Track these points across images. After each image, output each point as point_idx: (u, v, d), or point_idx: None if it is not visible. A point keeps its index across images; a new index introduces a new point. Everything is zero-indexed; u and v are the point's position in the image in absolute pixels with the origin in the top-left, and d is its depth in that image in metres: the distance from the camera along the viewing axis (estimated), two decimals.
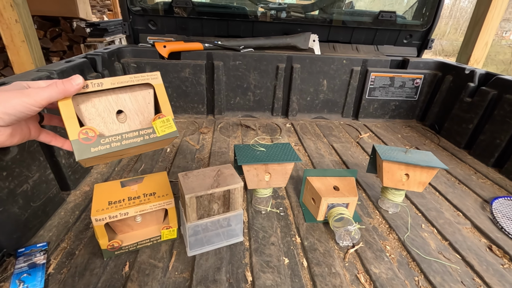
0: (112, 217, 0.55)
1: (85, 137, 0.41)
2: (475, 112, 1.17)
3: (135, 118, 0.47)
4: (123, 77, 0.44)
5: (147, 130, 0.46)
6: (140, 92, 0.47)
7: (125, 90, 0.46)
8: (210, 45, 1.33)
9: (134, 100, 0.46)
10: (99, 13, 5.34)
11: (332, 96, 1.45)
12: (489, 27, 1.54)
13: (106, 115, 0.44)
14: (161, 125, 0.47)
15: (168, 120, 0.47)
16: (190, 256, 0.61)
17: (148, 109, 0.48)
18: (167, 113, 0.48)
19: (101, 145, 0.42)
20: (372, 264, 0.62)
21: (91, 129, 0.42)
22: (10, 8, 1.31)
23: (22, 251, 0.59)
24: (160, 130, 0.46)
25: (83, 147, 0.41)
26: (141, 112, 0.47)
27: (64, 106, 0.40)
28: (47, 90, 0.38)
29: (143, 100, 0.47)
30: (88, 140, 0.41)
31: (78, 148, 0.40)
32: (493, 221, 0.77)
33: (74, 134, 0.40)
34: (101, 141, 0.42)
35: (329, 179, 0.75)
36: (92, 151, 0.41)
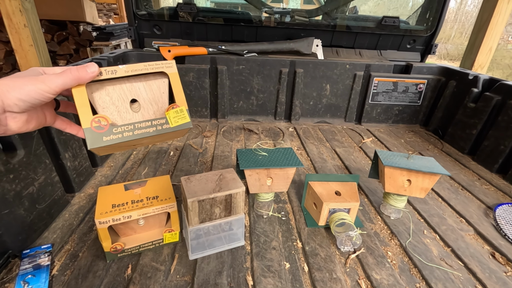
0: (115, 220, 0.56)
1: (97, 125, 0.40)
2: (479, 117, 1.17)
3: (149, 108, 0.46)
4: (137, 64, 0.43)
5: (160, 121, 0.45)
6: (154, 81, 0.46)
7: (140, 79, 0.45)
8: (214, 49, 1.34)
9: (149, 89, 0.45)
10: (106, 17, 5.42)
11: (335, 100, 1.45)
12: (493, 32, 1.54)
13: (120, 103, 0.43)
14: (174, 116, 0.45)
15: (181, 110, 0.46)
16: (192, 259, 0.62)
17: (162, 98, 0.47)
18: (181, 103, 0.46)
19: (113, 134, 0.41)
20: (373, 270, 0.62)
21: (104, 117, 0.41)
22: (19, 13, 1.34)
23: (27, 253, 0.60)
24: (174, 121, 0.45)
25: (95, 136, 0.40)
26: (155, 102, 0.46)
27: (78, 94, 0.39)
28: (61, 77, 0.38)
29: (158, 89, 0.46)
30: (101, 129, 0.41)
31: (90, 137, 0.40)
32: (496, 228, 0.76)
33: (87, 122, 0.40)
34: (113, 130, 0.42)
35: (331, 184, 0.76)
36: (104, 140, 0.41)
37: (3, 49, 2.89)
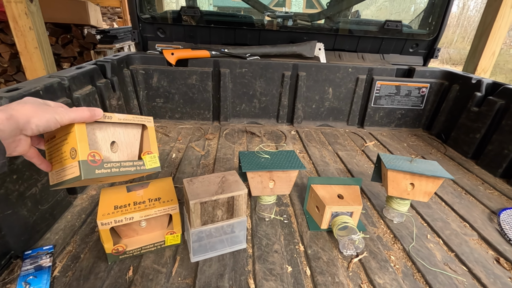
0: (117, 221, 0.56)
1: (92, 159, 0.45)
2: (482, 121, 1.16)
3: (124, 150, 0.53)
4: (128, 116, 0.52)
5: (139, 162, 0.52)
6: (132, 129, 0.54)
7: (120, 126, 0.52)
8: (217, 52, 1.35)
9: (126, 135, 0.53)
10: (110, 20, 5.47)
11: (337, 104, 1.45)
12: (496, 36, 1.53)
13: (102, 143, 0.49)
14: (149, 160, 0.54)
15: (154, 157, 0.55)
16: (194, 262, 0.62)
17: (135, 144, 0.55)
18: (154, 151, 0.55)
19: (104, 168, 0.46)
20: (376, 274, 0.61)
21: (98, 153, 0.46)
22: (25, 16, 1.35)
23: (28, 254, 0.60)
24: (148, 164, 0.54)
25: (89, 168, 0.44)
26: (130, 146, 0.54)
27: (80, 130, 0.44)
28: (73, 113, 0.42)
29: (133, 136, 0.55)
30: (95, 163, 0.45)
31: (85, 168, 0.44)
32: (500, 233, 0.76)
33: (84, 155, 0.44)
34: (105, 165, 0.46)
35: (333, 187, 0.75)
36: (96, 173, 0.45)
37: (8, 51, 2.91)
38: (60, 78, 0.80)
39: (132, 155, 0.54)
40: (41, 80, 0.75)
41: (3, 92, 0.63)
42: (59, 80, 0.78)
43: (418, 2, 5.94)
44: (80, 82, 0.90)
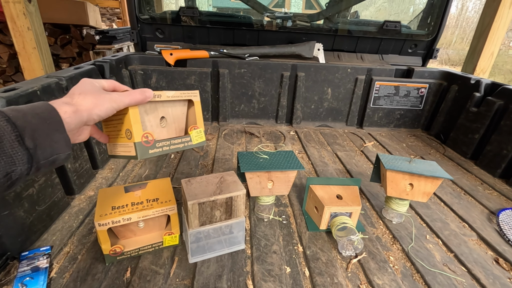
0: (115, 222, 0.56)
1: (146, 140, 0.48)
2: (481, 122, 1.16)
3: (172, 125, 0.55)
4: (175, 92, 0.53)
5: (186, 138, 0.54)
6: (179, 105, 0.56)
7: (169, 102, 0.54)
8: (216, 53, 1.35)
9: (174, 111, 0.55)
10: (109, 21, 5.47)
11: (336, 104, 1.45)
12: (494, 37, 1.54)
13: (153, 119, 0.52)
14: (195, 135, 0.55)
15: (201, 131, 0.57)
16: (192, 263, 0.61)
17: (182, 119, 0.57)
18: (200, 126, 0.57)
19: (156, 148, 0.49)
20: (375, 275, 0.61)
21: (150, 134, 0.48)
22: (23, 16, 1.35)
23: (25, 255, 0.60)
24: (195, 139, 0.55)
25: (144, 149, 0.47)
26: (177, 121, 0.56)
27: (133, 112, 0.46)
28: (128, 98, 0.45)
29: (180, 111, 0.56)
30: (148, 143, 0.48)
31: (140, 150, 0.47)
32: (500, 233, 0.75)
33: (138, 137, 0.47)
34: (157, 145, 0.49)
35: (332, 188, 0.75)
36: (150, 152, 0.48)
37: (7, 52, 2.91)
38: (58, 78, 0.79)
39: (179, 130, 0.56)
40: (39, 81, 0.75)
41: (0, 92, 0.63)
42: (56, 81, 0.78)
43: (417, 3, 5.96)
44: (77, 81, 0.89)
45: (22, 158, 0.32)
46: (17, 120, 0.33)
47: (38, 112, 0.35)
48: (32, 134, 0.33)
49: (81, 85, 0.43)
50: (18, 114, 0.33)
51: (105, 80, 0.47)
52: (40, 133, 0.34)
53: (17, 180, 0.33)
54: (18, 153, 0.32)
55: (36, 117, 0.34)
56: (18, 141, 0.32)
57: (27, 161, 0.33)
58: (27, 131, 0.33)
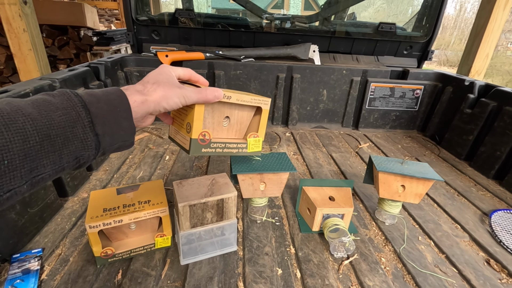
0: (106, 224, 0.56)
1: (202, 138, 0.48)
2: (475, 123, 1.17)
3: (234, 127, 0.55)
4: (245, 97, 0.52)
5: (242, 144, 0.54)
6: (247, 109, 0.55)
7: (236, 106, 0.53)
8: (212, 54, 1.35)
9: (240, 114, 0.55)
10: (107, 22, 5.47)
11: (332, 106, 1.45)
12: (489, 38, 1.55)
13: (216, 118, 0.52)
14: (253, 143, 0.55)
15: (259, 141, 0.56)
16: (183, 264, 0.61)
17: (245, 124, 0.56)
18: (261, 135, 0.56)
19: (210, 148, 0.50)
20: (366, 277, 0.61)
21: (208, 132, 0.49)
22: (19, 18, 1.35)
23: (16, 257, 0.60)
24: (251, 147, 0.55)
25: (198, 146, 0.48)
26: (240, 124, 0.55)
27: (199, 109, 0.46)
28: (196, 96, 0.45)
29: (246, 116, 0.56)
30: (203, 142, 0.48)
31: (194, 146, 0.47)
32: (492, 234, 0.76)
33: (196, 134, 0.47)
34: (211, 145, 0.50)
35: (325, 189, 0.75)
36: (202, 151, 0.49)
37: (4, 53, 2.91)
38: (51, 80, 0.79)
39: (240, 132, 0.56)
40: (32, 83, 0.75)
41: None
42: (50, 82, 0.78)
43: (416, 4, 6.00)
44: (72, 84, 0.89)
45: (91, 144, 0.34)
46: (92, 106, 0.34)
47: (110, 99, 0.36)
48: (102, 121, 0.34)
49: (157, 73, 0.44)
50: (93, 99, 0.35)
51: (182, 68, 0.48)
52: (110, 119, 0.35)
53: (84, 164, 0.35)
54: (89, 139, 0.33)
55: (109, 104, 0.36)
56: (90, 127, 0.33)
57: (95, 146, 0.34)
58: (99, 118, 0.34)
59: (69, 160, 0.32)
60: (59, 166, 0.31)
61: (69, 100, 0.33)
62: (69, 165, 0.33)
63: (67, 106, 0.32)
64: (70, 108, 0.32)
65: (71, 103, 0.33)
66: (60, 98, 0.33)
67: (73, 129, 0.32)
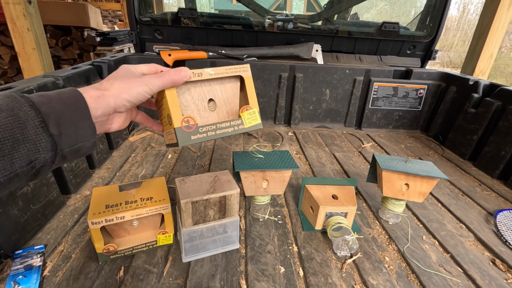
0: (108, 220, 0.56)
1: (186, 125, 0.44)
2: (479, 123, 1.16)
3: (223, 108, 0.50)
4: (219, 68, 0.47)
5: (237, 122, 0.48)
6: (229, 83, 0.50)
7: (216, 81, 0.48)
8: (214, 54, 1.35)
9: (224, 90, 0.49)
10: (111, 23, 5.50)
11: (334, 105, 1.45)
12: (494, 38, 1.54)
13: (199, 103, 0.47)
14: (248, 117, 0.49)
15: (254, 112, 0.49)
16: (185, 262, 0.61)
17: (234, 99, 0.51)
18: (253, 105, 0.50)
19: (199, 133, 0.45)
20: (370, 275, 0.60)
21: (191, 117, 0.44)
22: (23, 17, 1.36)
23: (19, 253, 0.60)
24: (247, 122, 0.49)
25: (185, 135, 0.44)
26: (229, 102, 0.50)
27: (170, 95, 0.43)
28: (160, 80, 0.41)
29: (231, 90, 0.50)
30: (189, 128, 0.44)
31: (181, 136, 0.43)
32: (497, 234, 0.75)
33: (178, 122, 0.43)
34: (200, 129, 0.45)
35: (328, 188, 0.75)
36: (192, 139, 0.44)
37: (9, 53, 2.93)
38: (55, 77, 0.80)
39: (232, 112, 0.51)
40: (35, 80, 0.75)
41: None
42: (53, 80, 0.78)
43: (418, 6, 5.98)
44: (75, 82, 0.90)
45: (45, 145, 0.32)
46: (42, 106, 0.32)
47: (64, 98, 0.34)
48: (57, 121, 0.32)
49: (116, 71, 0.42)
50: (44, 99, 0.33)
51: (145, 64, 0.45)
52: (65, 119, 0.33)
53: (42, 169, 0.33)
54: (42, 140, 0.31)
55: (62, 103, 0.34)
56: (42, 127, 0.31)
57: (51, 148, 0.32)
58: (52, 117, 0.32)
59: (22, 164, 0.30)
60: (11, 172, 0.29)
61: (15, 101, 0.31)
62: (24, 170, 0.31)
63: (13, 107, 0.30)
64: (17, 109, 0.30)
65: (17, 104, 0.31)
66: (3, 100, 0.30)
67: (23, 130, 0.30)
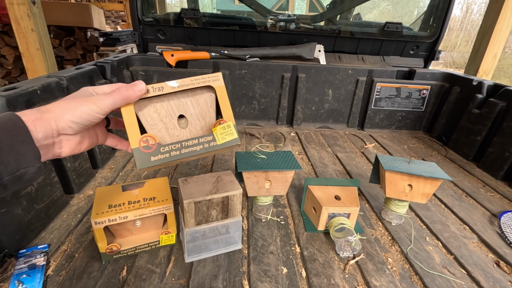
0: (111, 220, 0.56)
1: (145, 145, 0.40)
2: (483, 124, 1.15)
3: (196, 123, 0.45)
4: (184, 80, 0.43)
5: (207, 138, 0.43)
6: (202, 95, 0.45)
7: (187, 94, 0.44)
8: (217, 54, 1.35)
9: (196, 104, 0.45)
10: (114, 24, 5.53)
11: (337, 106, 1.44)
12: (497, 38, 1.53)
13: (168, 120, 0.43)
14: (221, 132, 0.43)
15: (229, 126, 0.44)
16: (188, 262, 0.61)
17: (209, 113, 0.46)
18: (228, 119, 0.44)
19: (160, 153, 0.41)
20: (372, 277, 0.60)
21: (152, 136, 0.41)
22: (27, 18, 1.37)
23: (23, 252, 0.60)
24: (221, 138, 0.43)
25: (143, 156, 0.40)
26: (203, 117, 0.45)
27: (126, 113, 0.39)
28: (111, 97, 0.38)
29: (205, 104, 0.45)
30: (149, 149, 0.40)
31: (139, 157, 0.39)
32: (501, 236, 0.74)
33: (135, 142, 0.39)
34: (161, 149, 0.41)
35: (330, 188, 0.74)
36: (152, 160, 0.40)
37: (13, 53, 2.95)
38: (59, 78, 0.80)
39: (207, 127, 0.46)
40: (39, 80, 0.75)
41: (1, 91, 0.64)
42: (57, 80, 0.79)
43: (421, 6, 5.96)
44: (79, 82, 0.90)
45: None
46: None
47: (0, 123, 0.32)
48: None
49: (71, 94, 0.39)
50: None
51: (109, 85, 0.41)
52: (2, 145, 0.31)
53: None
54: None
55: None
56: None
57: None
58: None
59: None
60: None
61: None
62: None
63: None
64: None
65: None
66: None
67: None
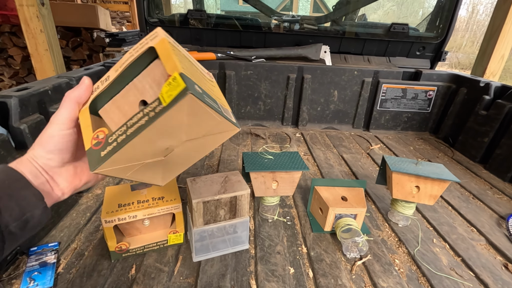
0: (121, 219, 0.57)
1: (96, 141, 0.33)
2: (490, 125, 1.14)
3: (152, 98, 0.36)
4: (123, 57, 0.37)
5: (152, 105, 0.31)
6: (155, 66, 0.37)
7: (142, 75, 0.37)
8: (223, 55, 1.36)
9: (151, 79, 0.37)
10: (119, 24, 5.57)
11: (343, 106, 1.44)
12: (505, 39, 1.51)
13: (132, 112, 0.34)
14: (166, 90, 0.30)
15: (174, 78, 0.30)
16: (196, 261, 0.62)
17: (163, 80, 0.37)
18: (171, 71, 0.31)
19: (108, 145, 0.32)
20: (380, 278, 0.60)
21: (102, 130, 0.34)
22: (36, 19, 1.39)
23: (34, 250, 0.61)
24: (166, 96, 0.30)
25: (94, 154, 0.33)
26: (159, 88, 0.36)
27: (82, 115, 0.36)
28: (63, 107, 0.36)
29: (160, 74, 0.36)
30: (99, 144, 0.33)
31: (90, 158, 0.33)
32: (509, 238, 0.74)
33: (88, 142, 0.34)
34: (109, 140, 0.32)
35: (337, 189, 0.75)
36: (102, 156, 0.32)
37: (20, 54, 2.99)
38: (69, 78, 0.81)
39: None
40: (50, 80, 0.77)
41: (13, 92, 0.65)
42: (67, 81, 0.80)
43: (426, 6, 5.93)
44: None
45: None
46: None
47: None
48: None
49: None
50: None
51: None
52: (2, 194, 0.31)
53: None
54: None
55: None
56: None
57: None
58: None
59: None
60: None
61: None
62: None
63: None
64: None
65: None
66: None
67: None
